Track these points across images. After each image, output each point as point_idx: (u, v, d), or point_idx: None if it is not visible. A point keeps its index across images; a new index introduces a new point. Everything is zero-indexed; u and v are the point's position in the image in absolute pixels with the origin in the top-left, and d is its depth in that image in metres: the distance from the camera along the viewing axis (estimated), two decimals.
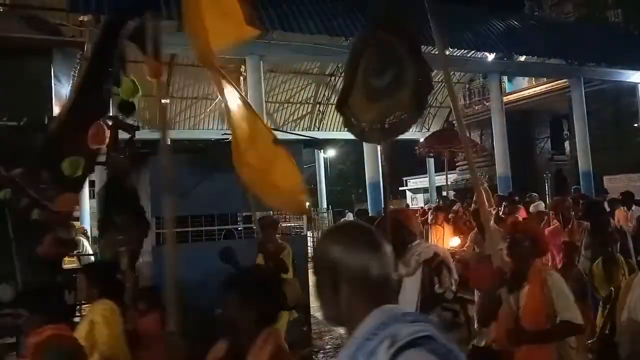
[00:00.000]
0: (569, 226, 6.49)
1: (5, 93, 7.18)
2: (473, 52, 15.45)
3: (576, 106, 16.85)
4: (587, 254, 5.75)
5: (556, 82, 19.14)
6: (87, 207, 17.99)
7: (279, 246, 5.51)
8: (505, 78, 19.65)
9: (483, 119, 20.52)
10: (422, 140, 15.29)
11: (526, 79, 21.32)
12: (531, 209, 8.26)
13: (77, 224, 18.70)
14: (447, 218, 8.80)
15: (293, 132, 15.49)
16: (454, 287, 3.28)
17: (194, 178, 6.11)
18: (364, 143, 13.78)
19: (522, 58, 16.24)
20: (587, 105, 16.78)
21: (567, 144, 21.73)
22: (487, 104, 19.75)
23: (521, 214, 8.03)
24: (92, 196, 17.36)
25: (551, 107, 20.82)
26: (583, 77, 16.78)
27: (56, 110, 9.50)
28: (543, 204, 7.57)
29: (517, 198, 9.51)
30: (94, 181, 13.39)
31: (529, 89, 21.01)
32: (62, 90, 11.09)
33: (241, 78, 13.05)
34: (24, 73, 7.53)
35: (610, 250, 5.18)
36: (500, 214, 7.89)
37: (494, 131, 15.79)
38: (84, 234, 12.63)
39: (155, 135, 14.51)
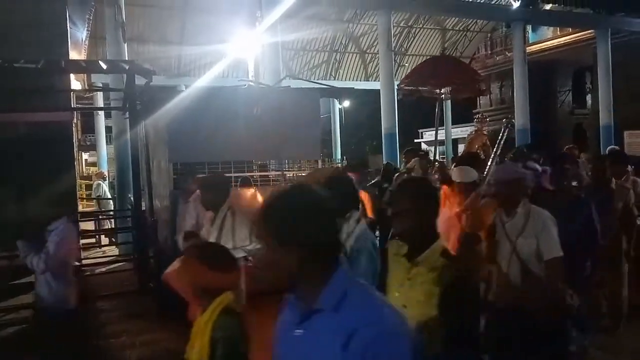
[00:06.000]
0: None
1: (22, 36, 7.15)
2: None
3: (601, 58, 16.41)
4: None
5: (582, 33, 18.48)
6: (104, 153, 18.22)
7: None
8: (529, 28, 19.02)
9: (504, 70, 20.03)
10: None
11: (550, 29, 20.63)
12: None
13: (95, 169, 19.04)
14: None
15: (310, 80, 15.30)
16: None
17: (210, 125, 6.11)
18: (381, 93, 13.61)
19: (548, 6, 15.66)
20: (612, 58, 16.29)
21: (588, 97, 21.21)
22: (508, 54, 19.22)
23: None
24: (108, 142, 17.52)
25: (575, 59, 20.17)
26: (610, 28, 16.22)
27: (72, 54, 9.47)
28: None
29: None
30: (111, 127, 13.51)
31: (553, 39, 20.33)
32: (77, 33, 11.00)
33: (257, 23, 12.73)
34: (40, 15, 7.46)
35: None
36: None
37: (515, 82, 15.49)
38: (103, 178, 12.82)
39: (171, 82, 14.43)
